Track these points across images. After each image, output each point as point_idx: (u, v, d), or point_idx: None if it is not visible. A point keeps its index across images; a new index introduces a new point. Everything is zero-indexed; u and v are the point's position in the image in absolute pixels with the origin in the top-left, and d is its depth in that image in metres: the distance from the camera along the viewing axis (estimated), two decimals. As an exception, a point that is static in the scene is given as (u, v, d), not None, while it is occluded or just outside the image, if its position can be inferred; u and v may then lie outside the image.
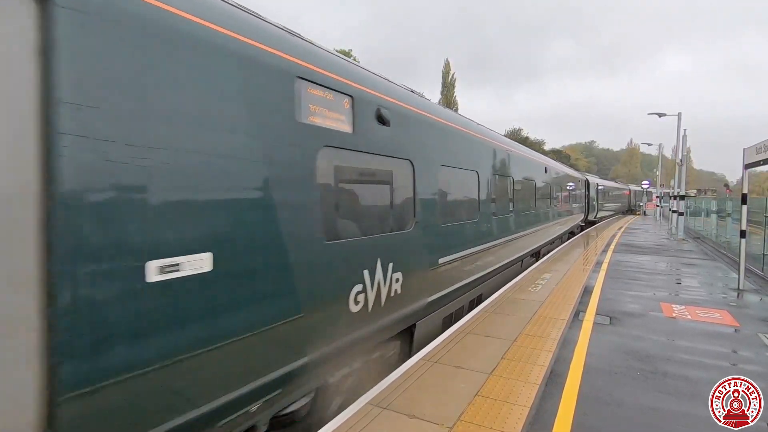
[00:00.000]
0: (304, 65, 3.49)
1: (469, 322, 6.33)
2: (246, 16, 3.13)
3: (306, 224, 3.44)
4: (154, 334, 2.33)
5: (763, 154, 7.87)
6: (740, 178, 9.51)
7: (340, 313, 3.83)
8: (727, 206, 16.92)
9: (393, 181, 4.89)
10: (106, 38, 2.15)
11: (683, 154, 23.35)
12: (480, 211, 7.51)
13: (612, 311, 7.13)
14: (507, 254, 9.43)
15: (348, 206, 4.23)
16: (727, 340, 5.87)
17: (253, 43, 3.01)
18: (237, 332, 2.80)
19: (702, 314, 7.04)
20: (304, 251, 3.38)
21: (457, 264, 6.44)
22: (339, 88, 3.90)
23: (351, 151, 4.09)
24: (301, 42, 3.66)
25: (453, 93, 57.61)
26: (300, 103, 3.42)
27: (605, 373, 4.69)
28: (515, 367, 4.76)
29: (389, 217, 4.86)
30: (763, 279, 10.62)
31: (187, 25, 2.57)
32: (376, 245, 4.42)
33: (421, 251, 5.41)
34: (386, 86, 4.97)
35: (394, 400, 3.95)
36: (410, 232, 5.10)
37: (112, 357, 2.15)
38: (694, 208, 27.26)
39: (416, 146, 5.33)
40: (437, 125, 6.09)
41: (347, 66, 4.28)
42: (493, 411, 3.82)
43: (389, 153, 4.74)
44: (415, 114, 5.42)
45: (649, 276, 10.51)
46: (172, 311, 2.42)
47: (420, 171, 5.30)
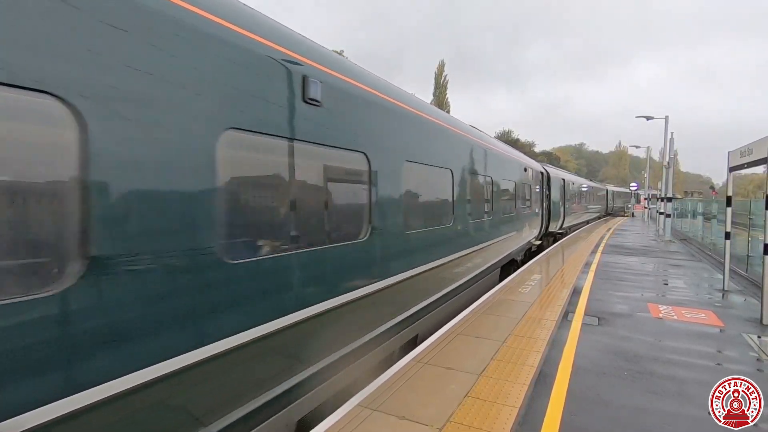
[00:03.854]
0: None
1: (459, 324, 6.35)
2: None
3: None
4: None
5: (747, 157, 8.02)
6: (725, 181, 9.68)
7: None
8: (713, 208, 17.23)
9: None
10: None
11: (670, 157, 23.73)
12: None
13: (600, 312, 7.21)
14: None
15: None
16: (712, 340, 5.97)
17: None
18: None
19: (688, 315, 7.14)
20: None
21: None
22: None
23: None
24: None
25: (445, 94, 57.82)
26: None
27: (593, 373, 4.74)
28: (505, 368, 4.78)
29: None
30: (747, 280, 10.81)
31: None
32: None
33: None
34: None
35: (385, 402, 3.95)
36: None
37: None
38: (680, 210, 27.71)
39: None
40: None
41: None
42: (483, 412, 3.83)
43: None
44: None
45: (637, 277, 10.66)
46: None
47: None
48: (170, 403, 2.53)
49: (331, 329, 3.89)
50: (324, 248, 3.75)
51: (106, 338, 2.17)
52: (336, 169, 4.08)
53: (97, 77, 2.12)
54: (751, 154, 7.84)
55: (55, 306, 1.98)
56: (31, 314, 1.92)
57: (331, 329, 3.89)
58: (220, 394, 2.83)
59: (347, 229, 4.16)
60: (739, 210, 12.32)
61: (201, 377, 2.67)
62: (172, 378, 2.46)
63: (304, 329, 3.50)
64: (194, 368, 2.58)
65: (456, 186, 7.06)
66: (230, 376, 2.88)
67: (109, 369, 2.17)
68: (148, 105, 2.36)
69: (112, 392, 2.16)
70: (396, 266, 5.06)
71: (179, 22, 2.54)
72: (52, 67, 1.97)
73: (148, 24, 2.37)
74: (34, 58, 1.92)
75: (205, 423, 2.71)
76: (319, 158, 3.82)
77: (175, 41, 2.51)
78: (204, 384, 2.71)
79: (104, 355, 2.16)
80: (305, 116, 3.53)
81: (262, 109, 3.10)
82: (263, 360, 3.17)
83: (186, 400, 2.62)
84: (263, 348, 3.12)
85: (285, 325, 3.25)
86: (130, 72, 2.26)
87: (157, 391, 2.40)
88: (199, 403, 2.69)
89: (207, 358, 2.66)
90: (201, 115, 2.65)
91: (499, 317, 6.76)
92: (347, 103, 4.15)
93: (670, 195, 23.24)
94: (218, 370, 2.77)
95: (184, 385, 2.58)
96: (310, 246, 3.61)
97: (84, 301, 2.08)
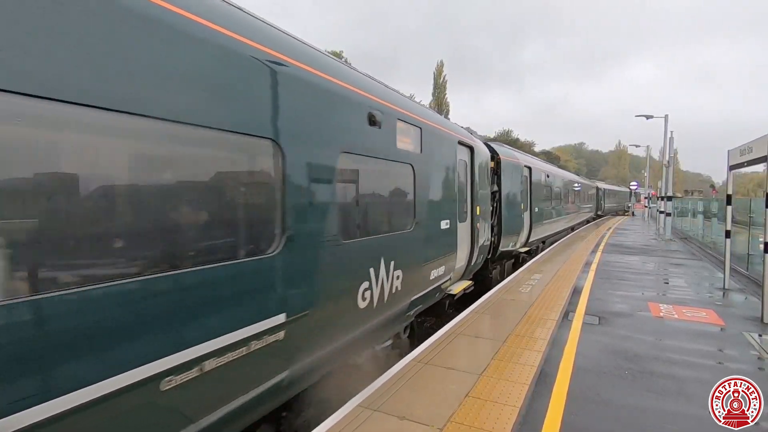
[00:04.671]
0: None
1: (460, 323, 6.35)
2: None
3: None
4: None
5: (747, 156, 8.02)
6: (725, 180, 9.67)
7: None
8: (713, 207, 17.23)
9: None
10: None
11: (670, 156, 23.70)
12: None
13: (601, 311, 7.20)
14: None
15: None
16: (713, 339, 5.96)
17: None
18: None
19: (689, 313, 7.13)
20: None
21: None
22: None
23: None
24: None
25: (444, 94, 57.83)
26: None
27: (594, 372, 4.73)
28: (505, 368, 4.78)
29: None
30: (748, 278, 10.81)
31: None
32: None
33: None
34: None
35: (385, 402, 3.94)
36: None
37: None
38: (681, 208, 27.68)
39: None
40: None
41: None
42: (484, 412, 3.82)
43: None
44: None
45: (638, 276, 10.64)
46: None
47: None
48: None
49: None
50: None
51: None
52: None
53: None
54: (750, 152, 7.83)
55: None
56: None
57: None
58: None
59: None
60: (740, 208, 12.32)
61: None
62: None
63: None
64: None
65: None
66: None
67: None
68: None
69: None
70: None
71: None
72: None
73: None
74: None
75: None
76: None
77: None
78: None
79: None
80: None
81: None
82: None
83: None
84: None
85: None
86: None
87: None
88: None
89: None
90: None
91: (499, 317, 6.75)
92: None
93: (670, 194, 23.20)
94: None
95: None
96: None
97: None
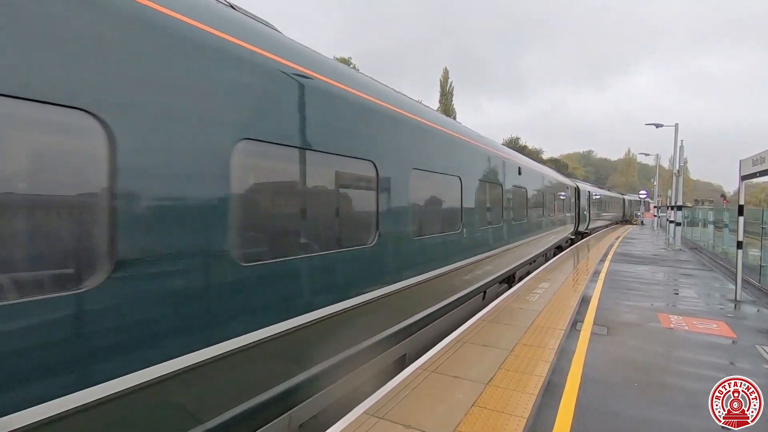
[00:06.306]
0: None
1: (467, 331, 6.31)
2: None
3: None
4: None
5: (760, 166, 7.93)
6: (737, 189, 9.56)
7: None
8: (724, 217, 17.01)
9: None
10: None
11: (680, 164, 23.46)
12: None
13: (609, 321, 7.12)
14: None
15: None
16: (724, 351, 5.86)
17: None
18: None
19: (699, 325, 7.03)
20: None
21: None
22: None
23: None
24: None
25: (451, 101, 57.91)
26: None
27: (603, 383, 4.67)
28: (513, 377, 4.74)
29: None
30: (761, 290, 10.63)
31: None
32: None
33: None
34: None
35: (391, 410, 3.92)
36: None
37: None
38: (691, 218, 27.36)
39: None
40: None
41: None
42: (491, 422, 3.79)
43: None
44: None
45: (647, 286, 10.52)
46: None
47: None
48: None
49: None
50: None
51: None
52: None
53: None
54: (763, 162, 7.75)
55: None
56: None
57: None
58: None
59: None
60: (751, 219, 12.15)
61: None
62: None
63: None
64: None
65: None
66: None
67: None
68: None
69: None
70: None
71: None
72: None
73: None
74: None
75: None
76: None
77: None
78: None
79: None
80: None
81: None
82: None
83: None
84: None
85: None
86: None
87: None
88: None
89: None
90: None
91: (507, 325, 6.70)
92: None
93: (680, 203, 22.95)
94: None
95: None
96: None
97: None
